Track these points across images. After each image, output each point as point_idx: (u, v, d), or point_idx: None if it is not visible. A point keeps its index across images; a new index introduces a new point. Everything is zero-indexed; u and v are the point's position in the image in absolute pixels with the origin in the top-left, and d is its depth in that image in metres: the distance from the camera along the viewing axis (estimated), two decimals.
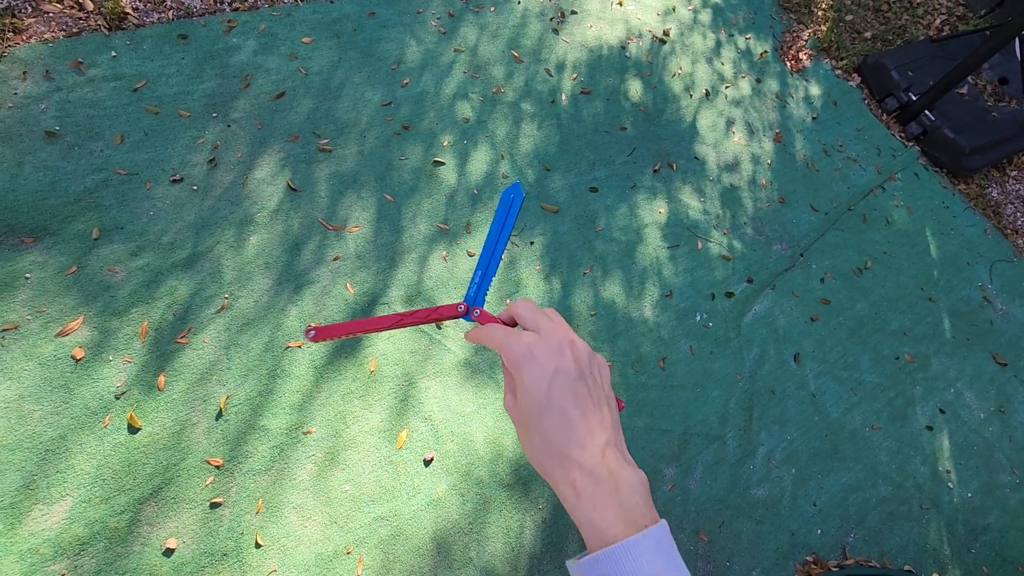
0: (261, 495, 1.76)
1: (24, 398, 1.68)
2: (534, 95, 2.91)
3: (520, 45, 3.05)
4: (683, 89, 3.30)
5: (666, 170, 2.95)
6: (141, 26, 2.40)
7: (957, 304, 3.14)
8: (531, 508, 1.98)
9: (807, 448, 2.44)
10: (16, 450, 1.62)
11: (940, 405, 2.76)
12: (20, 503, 1.57)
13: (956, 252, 3.36)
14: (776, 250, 2.91)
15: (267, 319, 2.01)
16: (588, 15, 3.33)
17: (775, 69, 3.68)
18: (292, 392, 1.92)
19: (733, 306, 2.65)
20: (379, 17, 2.81)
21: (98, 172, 2.06)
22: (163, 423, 1.77)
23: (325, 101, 2.50)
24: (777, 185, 3.16)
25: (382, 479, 1.88)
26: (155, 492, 1.68)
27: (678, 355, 2.45)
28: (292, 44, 2.58)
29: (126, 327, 1.86)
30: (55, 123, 2.09)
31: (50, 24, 2.27)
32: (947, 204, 3.56)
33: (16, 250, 1.86)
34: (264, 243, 2.13)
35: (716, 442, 2.32)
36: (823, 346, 2.71)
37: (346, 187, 2.34)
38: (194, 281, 1.99)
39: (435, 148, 2.56)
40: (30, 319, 1.78)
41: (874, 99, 3.85)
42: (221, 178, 2.20)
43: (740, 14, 3.84)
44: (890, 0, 4.44)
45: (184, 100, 2.30)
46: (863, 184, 3.38)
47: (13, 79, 2.12)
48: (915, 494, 2.49)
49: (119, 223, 2.00)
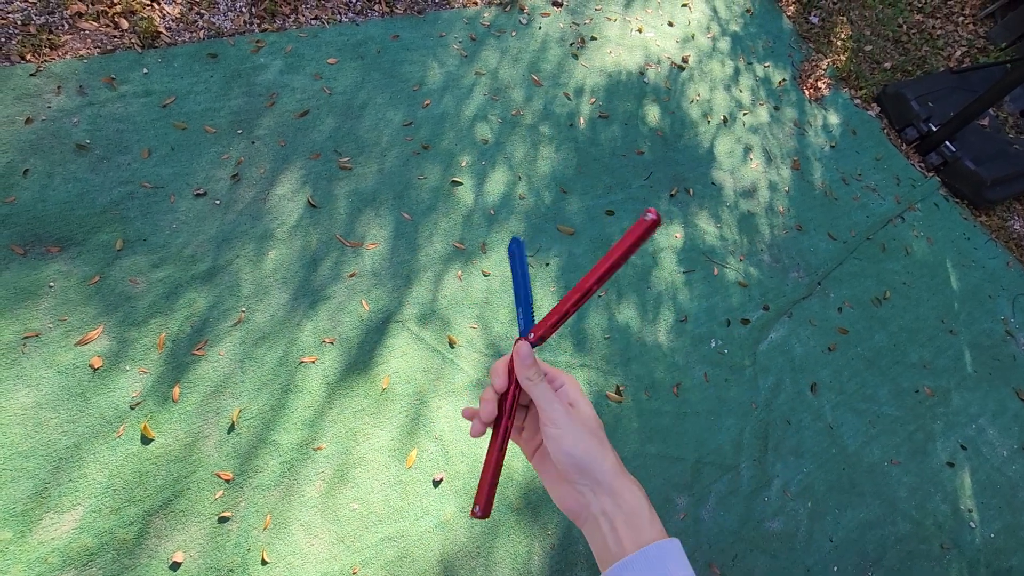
0: (269, 511, 1.75)
1: (41, 405, 1.70)
2: (553, 118, 2.94)
3: (540, 69, 3.09)
4: (701, 115, 3.32)
5: (683, 195, 2.95)
6: (173, 45, 2.47)
7: (979, 337, 3.08)
8: (540, 533, 1.95)
9: (823, 481, 2.38)
10: (31, 457, 1.64)
11: (961, 441, 2.69)
12: (32, 511, 1.58)
13: (978, 284, 3.31)
14: (793, 278, 2.89)
15: (282, 333, 2.02)
16: (608, 41, 3.38)
17: (793, 97, 3.69)
18: (304, 407, 1.92)
19: (749, 333, 2.62)
20: (403, 40, 2.87)
21: (125, 185, 2.11)
22: (176, 435, 1.77)
23: (347, 120, 2.55)
24: (795, 212, 3.14)
25: (391, 499, 1.87)
26: (165, 504, 1.68)
27: (692, 381, 2.42)
28: (318, 64, 2.64)
29: (144, 338, 1.88)
30: (86, 136, 2.15)
31: (86, 41, 2.35)
32: (968, 236, 3.52)
33: (42, 259, 1.89)
34: (282, 258, 2.16)
35: (730, 472, 2.28)
36: (840, 376, 2.67)
37: (365, 205, 2.37)
38: (213, 294, 2.01)
39: (453, 168, 2.59)
40: (52, 327, 1.81)
41: (893, 129, 3.84)
42: (243, 193, 2.24)
43: (759, 43, 3.87)
44: (910, 31, 4.45)
45: (211, 117, 2.35)
46: (882, 213, 3.35)
47: (48, 93, 2.18)
48: (935, 533, 2.42)
49: (142, 235, 2.04)
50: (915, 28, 4.49)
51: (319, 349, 2.03)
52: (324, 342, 2.05)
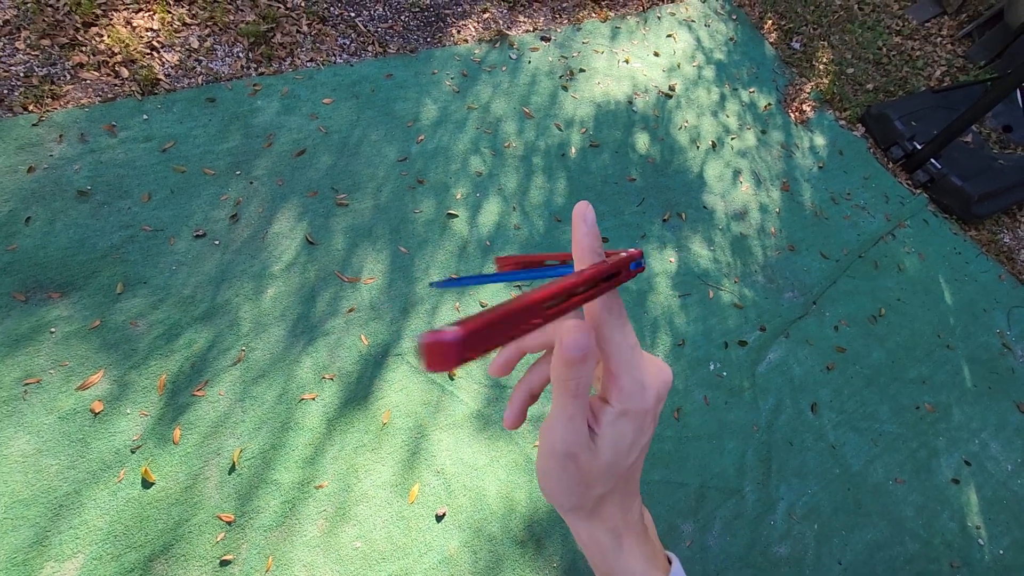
0: (271, 552, 1.73)
1: (42, 452, 1.70)
2: (544, 149, 3.00)
3: (531, 102, 3.16)
4: (690, 141, 3.39)
5: (675, 220, 2.99)
6: (172, 91, 2.54)
7: (976, 351, 3.09)
8: (545, 567, 1.93)
9: (829, 502, 2.36)
10: (31, 505, 1.63)
11: (965, 457, 2.68)
12: (32, 560, 1.57)
13: (972, 298, 3.33)
14: (788, 298, 2.91)
15: (282, 371, 2.03)
16: (596, 72, 3.47)
17: (779, 121, 3.77)
18: (304, 445, 1.92)
19: (747, 355, 2.63)
20: (396, 78, 2.95)
21: (125, 229, 2.14)
22: (176, 477, 1.77)
23: (343, 158, 2.60)
24: (786, 233, 3.19)
25: (393, 535, 1.85)
26: (165, 549, 1.67)
27: (693, 405, 2.42)
28: (313, 105, 2.71)
29: (145, 380, 1.89)
30: (87, 183, 2.19)
31: (87, 91, 2.41)
32: (959, 250, 3.56)
33: (44, 304, 1.91)
34: (281, 295, 2.18)
35: (734, 496, 2.26)
36: (840, 395, 2.67)
37: (362, 240, 2.40)
38: (212, 333, 2.03)
39: (448, 201, 2.63)
40: (52, 373, 1.82)
41: (879, 148, 3.92)
42: (242, 233, 2.27)
43: (743, 69, 3.97)
44: (890, 53, 4.57)
45: (209, 159, 2.40)
46: (873, 231, 3.40)
47: (50, 142, 2.23)
48: (944, 551, 2.39)
49: (143, 277, 2.06)
50: (895, 50, 4.61)
51: (319, 385, 2.04)
52: (324, 378, 2.05)
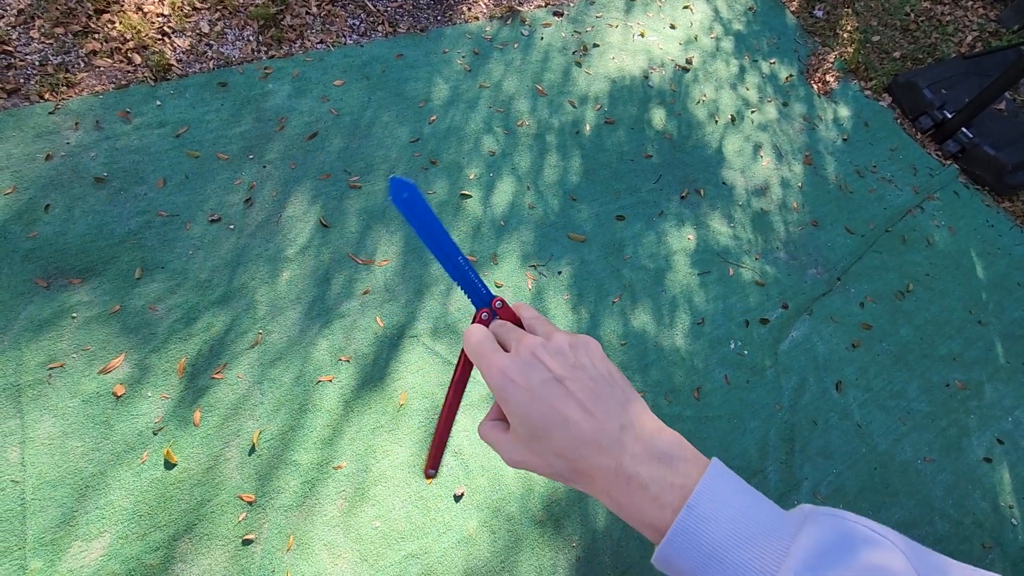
0: (292, 532, 1.75)
1: (67, 435, 1.73)
2: (558, 127, 2.94)
3: (544, 79, 3.10)
4: (708, 116, 3.30)
5: (694, 196, 2.92)
6: (184, 76, 2.54)
7: (1010, 327, 2.99)
8: (564, 546, 1.92)
9: (855, 482, 2.31)
10: (58, 486, 1.66)
11: (998, 435, 2.60)
12: (60, 539, 1.60)
13: (1005, 272, 3.21)
14: (811, 274, 2.83)
15: (299, 353, 2.04)
16: (610, 47, 3.38)
17: (801, 92, 3.65)
18: (322, 427, 1.93)
19: (769, 333, 2.57)
20: (407, 58, 2.91)
21: (142, 215, 2.15)
22: (198, 459, 1.79)
23: (355, 140, 2.58)
24: (809, 208, 3.10)
25: (412, 515, 1.86)
26: (189, 528, 1.69)
27: (713, 385, 2.38)
28: (324, 87, 2.69)
29: (165, 363, 1.91)
30: (103, 169, 2.20)
31: (101, 78, 2.42)
32: (992, 223, 3.42)
33: (65, 291, 1.94)
34: (296, 278, 2.18)
35: (757, 476, 2.22)
36: (866, 373, 2.60)
37: (375, 222, 2.39)
38: (229, 317, 2.04)
39: (462, 181, 2.60)
40: (75, 357, 1.84)
41: (907, 118, 3.77)
42: (256, 216, 2.27)
43: (763, 40, 3.84)
44: (918, 19, 4.38)
45: (223, 144, 2.40)
46: (900, 205, 3.28)
47: (66, 130, 2.25)
48: (976, 532, 2.33)
49: (160, 263, 2.08)
50: (923, 15, 4.42)
51: (335, 367, 2.04)
52: (340, 360, 2.06)
